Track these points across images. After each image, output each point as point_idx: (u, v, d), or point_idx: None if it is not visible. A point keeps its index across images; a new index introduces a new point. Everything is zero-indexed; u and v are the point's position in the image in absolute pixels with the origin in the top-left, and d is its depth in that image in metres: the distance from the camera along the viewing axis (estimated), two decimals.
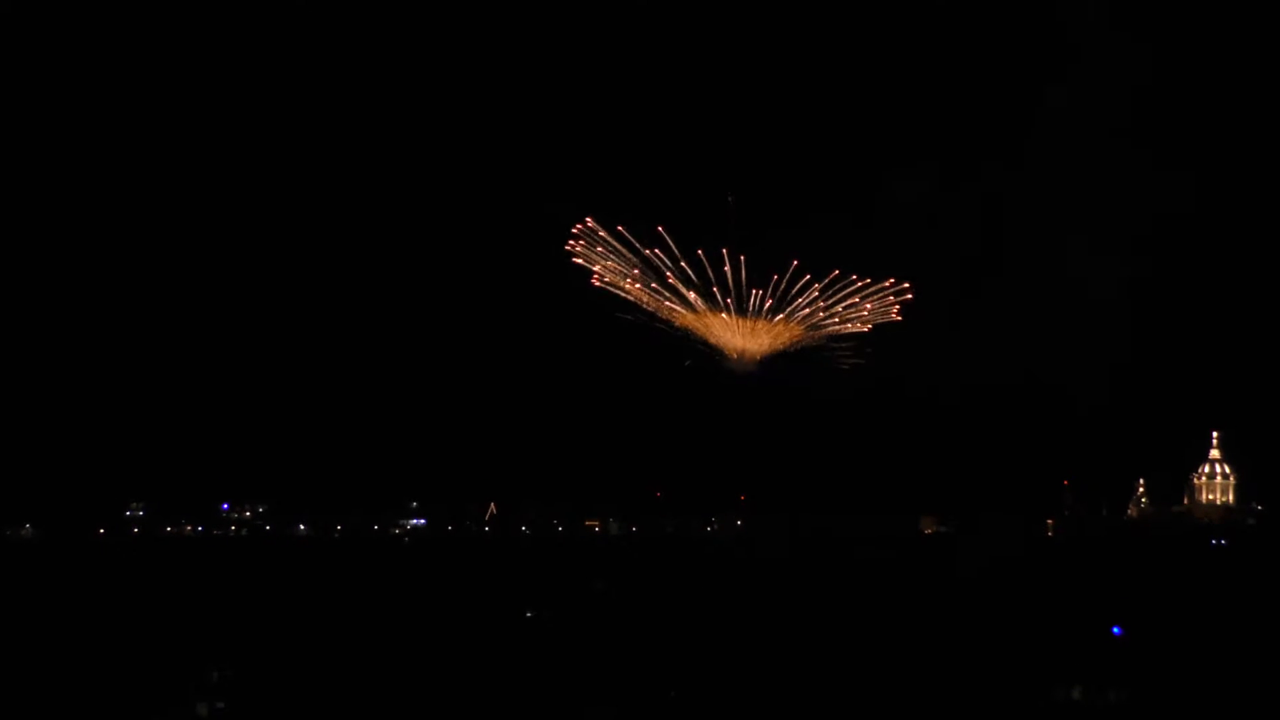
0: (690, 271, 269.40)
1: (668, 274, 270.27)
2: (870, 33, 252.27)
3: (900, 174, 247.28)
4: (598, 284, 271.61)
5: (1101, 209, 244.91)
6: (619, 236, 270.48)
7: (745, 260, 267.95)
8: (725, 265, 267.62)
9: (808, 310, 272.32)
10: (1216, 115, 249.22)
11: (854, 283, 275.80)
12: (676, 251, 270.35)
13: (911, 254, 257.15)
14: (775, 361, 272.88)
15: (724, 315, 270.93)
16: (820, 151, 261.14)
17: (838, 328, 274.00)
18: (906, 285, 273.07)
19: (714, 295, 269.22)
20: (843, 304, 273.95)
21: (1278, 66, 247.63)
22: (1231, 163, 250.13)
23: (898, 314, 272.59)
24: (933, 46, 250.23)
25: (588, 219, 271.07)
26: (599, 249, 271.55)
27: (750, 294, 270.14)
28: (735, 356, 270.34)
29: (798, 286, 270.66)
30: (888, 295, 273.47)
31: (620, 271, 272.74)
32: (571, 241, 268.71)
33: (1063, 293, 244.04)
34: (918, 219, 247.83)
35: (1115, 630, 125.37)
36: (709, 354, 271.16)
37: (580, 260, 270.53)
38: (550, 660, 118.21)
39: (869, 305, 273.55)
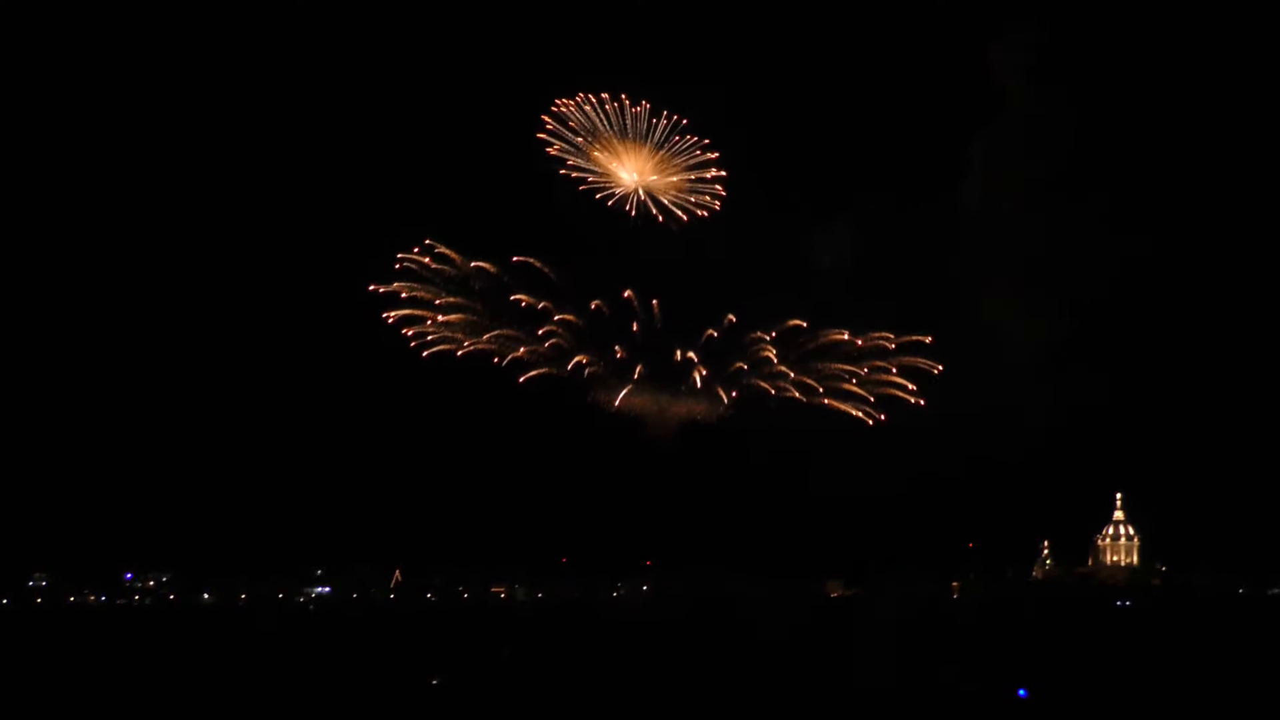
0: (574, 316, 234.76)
1: (545, 331, 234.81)
2: (787, 72, 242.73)
3: (820, 228, 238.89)
4: (427, 352, 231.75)
5: (1019, 269, 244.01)
6: (481, 275, 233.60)
7: (659, 305, 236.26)
8: (634, 318, 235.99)
9: (762, 381, 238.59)
10: (1142, 179, 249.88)
11: (830, 338, 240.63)
12: (549, 274, 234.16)
13: (828, 310, 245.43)
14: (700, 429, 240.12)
15: (634, 392, 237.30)
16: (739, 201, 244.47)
17: (833, 403, 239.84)
18: (929, 339, 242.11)
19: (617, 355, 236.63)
20: (823, 369, 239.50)
21: (1207, 137, 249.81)
22: (1147, 224, 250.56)
23: (917, 397, 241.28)
24: (854, 94, 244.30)
25: (428, 242, 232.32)
26: (440, 299, 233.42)
27: (675, 354, 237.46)
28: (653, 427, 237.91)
29: (748, 340, 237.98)
30: (900, 359, 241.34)
31: (463, 322, 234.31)
32: (380, 285, 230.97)
33: (976, 353, 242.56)
34: (833, 275, 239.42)
35: (1021, 693, 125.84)
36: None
37: (404, 312, 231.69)
38: None
39: (863, 370, 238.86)
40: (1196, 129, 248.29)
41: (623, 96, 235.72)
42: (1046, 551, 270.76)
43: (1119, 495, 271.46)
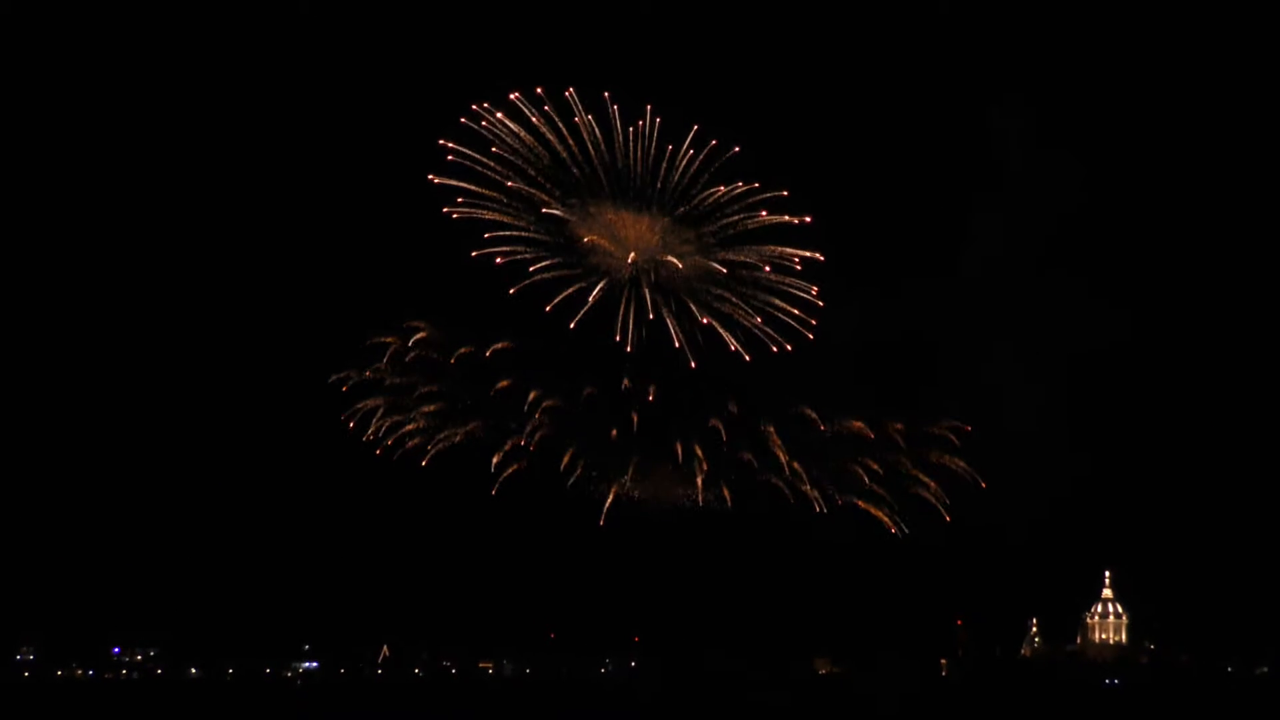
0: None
1: (531, 426, 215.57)
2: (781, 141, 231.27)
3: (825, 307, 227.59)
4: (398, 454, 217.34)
5: (1018, 341, 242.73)
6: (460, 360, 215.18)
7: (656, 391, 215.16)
8: (630, 406, 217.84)
9: (778, 481, 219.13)
10: (1139, 250, 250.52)
11: (846, 427, 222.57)
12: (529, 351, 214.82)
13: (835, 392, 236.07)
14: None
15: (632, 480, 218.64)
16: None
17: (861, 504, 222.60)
18: (962, 433, 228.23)
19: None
20: (840, 469, 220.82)
21: (1207, 207, 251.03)
22: (1143, 297, 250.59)
23: (948, 508, 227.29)
24: (853, 165, 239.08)
25: (408, 324, 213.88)
26: (421, 389, 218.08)
27: (677, 448, 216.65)
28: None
29: (754, 431, 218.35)
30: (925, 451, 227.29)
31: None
32: (350, 374, 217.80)
33: (974, 430, 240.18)
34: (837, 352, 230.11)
35: None
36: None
37: (374, 404, 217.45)
38: None
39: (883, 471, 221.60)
40: (1197, 195, 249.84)
41: (607, 99, 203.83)
42: (1035, 629, 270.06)
43: (1108, 573, 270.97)
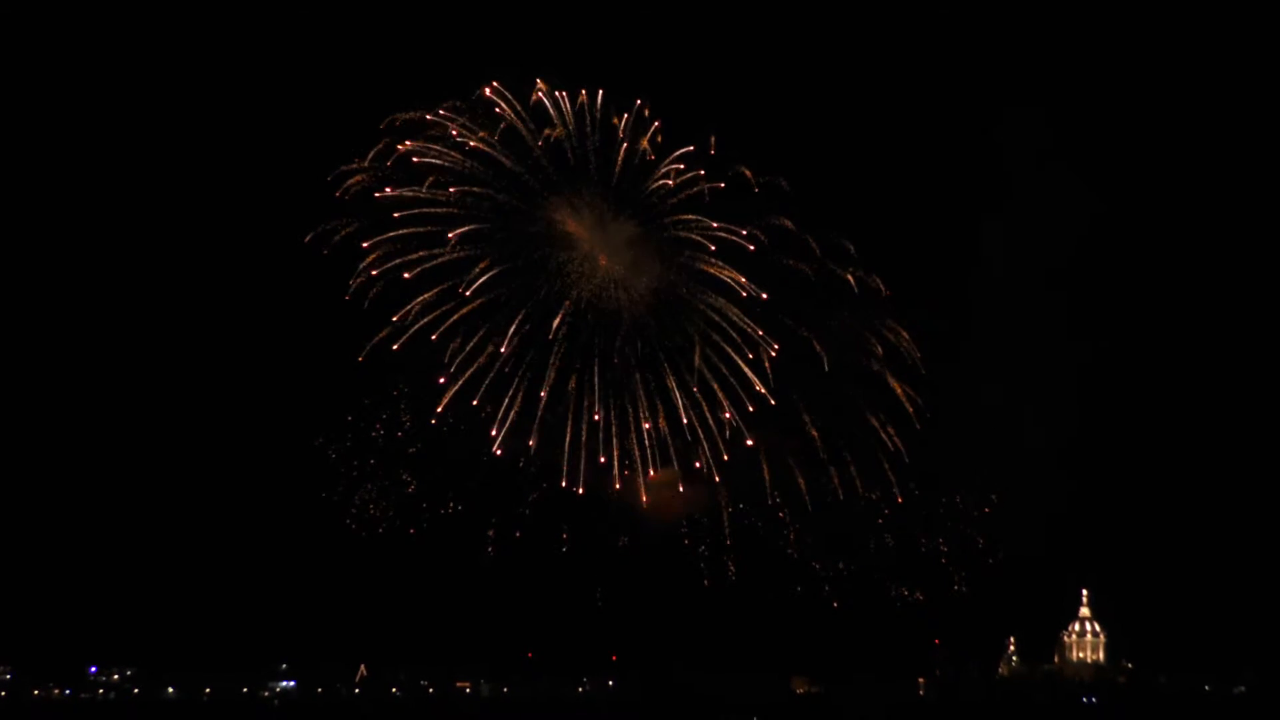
0: None
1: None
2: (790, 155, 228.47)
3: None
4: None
5: (1021, 361, 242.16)
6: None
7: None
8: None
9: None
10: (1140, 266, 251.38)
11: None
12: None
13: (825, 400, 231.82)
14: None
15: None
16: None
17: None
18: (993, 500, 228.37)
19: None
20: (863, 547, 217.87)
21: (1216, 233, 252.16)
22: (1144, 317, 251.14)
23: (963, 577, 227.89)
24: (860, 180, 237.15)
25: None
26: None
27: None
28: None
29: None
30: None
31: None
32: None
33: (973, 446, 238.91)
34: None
35: None
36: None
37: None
38: None
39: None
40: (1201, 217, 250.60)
41: (583, 98, 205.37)
42: (1012, 648, 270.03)
43: (1085, 592, 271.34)
